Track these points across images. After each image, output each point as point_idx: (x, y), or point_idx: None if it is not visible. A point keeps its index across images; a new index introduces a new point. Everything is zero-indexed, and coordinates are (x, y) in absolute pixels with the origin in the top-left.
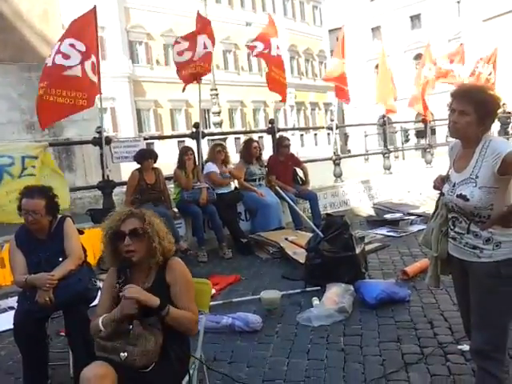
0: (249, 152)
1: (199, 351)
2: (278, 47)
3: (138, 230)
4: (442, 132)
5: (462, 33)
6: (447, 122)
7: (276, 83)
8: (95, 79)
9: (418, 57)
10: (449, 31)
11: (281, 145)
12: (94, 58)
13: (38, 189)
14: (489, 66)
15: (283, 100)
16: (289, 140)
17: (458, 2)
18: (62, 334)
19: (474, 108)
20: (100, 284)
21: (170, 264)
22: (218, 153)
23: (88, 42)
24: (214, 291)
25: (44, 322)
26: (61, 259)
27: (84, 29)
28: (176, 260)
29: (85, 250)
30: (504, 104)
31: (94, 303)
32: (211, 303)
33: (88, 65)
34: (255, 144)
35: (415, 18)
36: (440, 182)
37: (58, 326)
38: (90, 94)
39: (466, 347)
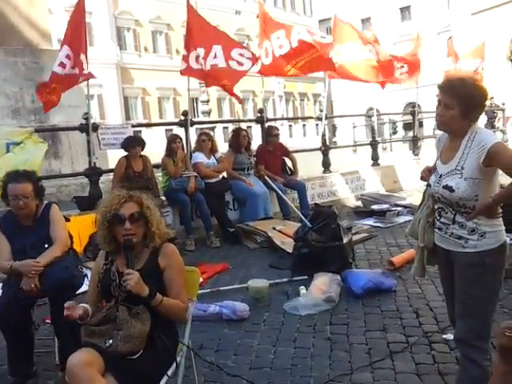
0: (238, 141)
1: (187, 339)
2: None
3: (138, 214)
4: (430, 124)
5: (451, 26)
6: (434, 114)
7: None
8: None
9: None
10: (438, 24)
11: (270, 134)
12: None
13: (23, 173)
14: (475, 61)
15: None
16: (278, 129)
17: None
18: (48, 321)
19: (458, 101)
20: (86, 271)
21: (164, 248)
22: (203, 142)
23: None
24: (201, 279)
25: (29, 309)
26: (46, 246)
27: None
28: (171, 245)
29: (71, 237)
30: (491, 98)
31: (80, 290)
32: (199, 291)
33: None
34: (244, 133)
35: (405, 10)
36: (427, 173)
37: (44, 313)
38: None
39: (450, 336)
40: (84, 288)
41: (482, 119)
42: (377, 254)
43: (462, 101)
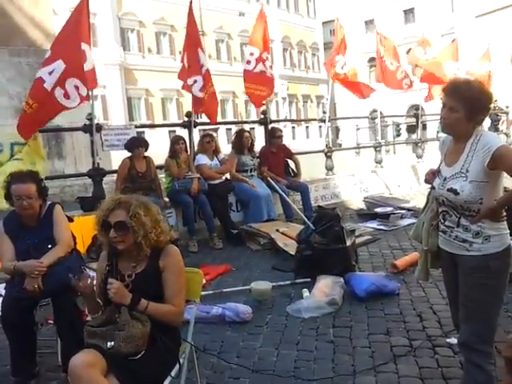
0: (240, 142)
1: (190, 341)
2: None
3: (122, 224)
4: (433, 127)
5: (454, 28)
6: (438, 117)
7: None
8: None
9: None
10: (442, 26)
11: (273, 136)
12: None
13: (27, 173)
14: (484, 64)
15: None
16: (281, 131)
17: None
18: (51, 321)
19: (462, 104)
20: (89, 272)
21: (165, 250)
22: (208, 143)
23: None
24: (204, 281)
25: (32, 309)
26: (50, 246)
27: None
28: (173, 248)
29: (74, 238)
30: (495, 100)
31: None
32: (201, 293)
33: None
34: (247, 134)
35: (409, 12)
36: (431, 176)
37: (47, 313)
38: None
39: (454, 340)
40: None
41: (486, 122)
42: (380, 257)
43: (467, 103)
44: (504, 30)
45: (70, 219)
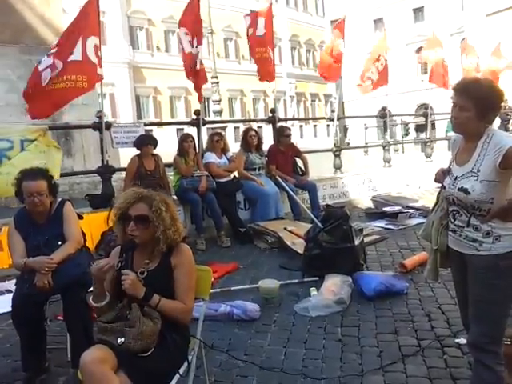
0: (246, 141)
1: (198, 337)
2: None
3: (143, 217)
4: (442, 126)
5: (464, 27)
6: (448, 116)
7: (263, 64)
8: (96, 61)
9: (420, 50)
10: (452, 25)
11: (282, 134)
12: (96, 40)
13: (37, 170)
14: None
15: (270, 79)
16: (290, 130)
17: None
18: (60, 318)
19: (473, 103)
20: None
21: (178, 248)
22: (217, 142)
23: (89, 27)
24: (212, 279)
25: (42, 305)
26: (60, 243)
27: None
28: (185, 246)
29: (84, 235)
30: (505, 100)
31: (92, 288)
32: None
33: (90, 47)
34: (252, 133)
35: (418, 11)
36: (441, 175)
37: (56, 309)
38: (90, 76)
39: (463, 341)
40: None
41: (496, 121)
42: (388, 257)
43: (479, 102)
44: None
45: (80, 216)
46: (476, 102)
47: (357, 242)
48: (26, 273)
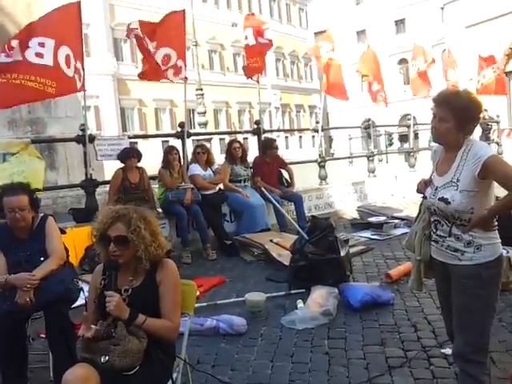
0: (230, 153)
1: (183, 354)
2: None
3: (123, 239)
4: (425, 136)
5: (445, 38)
6: (429, 126)
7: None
8: (69, 73)
9: (402, 61)
10: (432, 36)
11: (270, 147)
12: (68, 51)
13: (18, 185)
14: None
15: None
16: (276, 141)
17: (442, 8)
18: (43, 335)
19: (452, 114)
20: (82, 285)
21: (162, 263)
22: (198, 154)
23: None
24: (197, 293)
25: (24, 322)
26: (42, 259)
27: (64, 26)
28: (169, 261)
29: (67, 250)
30: (486, 110)
31: (75, 304)
32: (195, 305)
33: (61, 55)
34: (236, 145)
35: (400, 23)
36: (423, 186)
37: (38, 327)
38: (59, 84)
39: (448, 351)
40: (80, 301)
41: (477, 131)
42: (374, 267)
43: (458, 113)
44: (494, 40)
45: (63, 231)
46: (455, 113)
47: (343, 253)
48: (7, 290)
